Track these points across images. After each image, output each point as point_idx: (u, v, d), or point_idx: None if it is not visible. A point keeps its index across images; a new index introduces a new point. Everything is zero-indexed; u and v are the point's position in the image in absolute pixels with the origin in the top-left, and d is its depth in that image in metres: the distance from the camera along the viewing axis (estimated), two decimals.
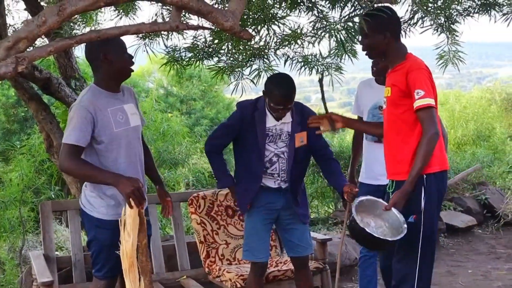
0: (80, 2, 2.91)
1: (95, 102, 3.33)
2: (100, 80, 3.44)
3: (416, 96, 3.28)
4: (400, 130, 3.44)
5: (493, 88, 15.67)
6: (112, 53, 3.37)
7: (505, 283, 5.74)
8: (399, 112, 3.42)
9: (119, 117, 3.40)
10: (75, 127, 3.26)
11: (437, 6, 4.07)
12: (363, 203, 3.54)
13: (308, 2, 3.94)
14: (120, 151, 3.39)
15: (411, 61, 3.44)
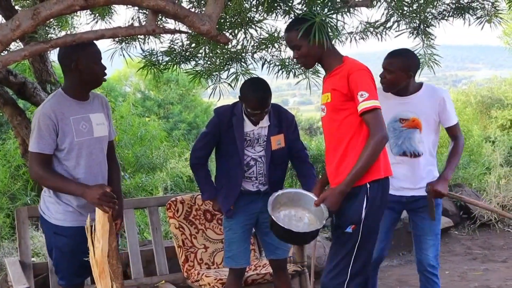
0: (55, 5, 2.88)
1: (57, 109, 3.24)
2: (68, 87, 3.36)
3: (360, 98, 3.12)
4: (343, 137, 3.26)
5: (468, 90, 15.83)
6: (83, 62, 3.27)
7: (481, 283, 5.80)
8: (341, 117, 3.25)
9: (82, 126, 3.31)
10: (38, 135, 3.20)
11: (412, 10, 4.12)
12: (286, 195, 3.48)
13: (284, 6, 3.96)
14: (79, 160, 3.30)
15: (350, 63, 3.27)
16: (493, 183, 8.52)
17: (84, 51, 3.23)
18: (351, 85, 3.16)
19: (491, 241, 7.59)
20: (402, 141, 3.90)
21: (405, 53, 3.86)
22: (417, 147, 3.90)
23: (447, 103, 3.86)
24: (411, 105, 3.87)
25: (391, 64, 3.77)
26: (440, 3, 4.31)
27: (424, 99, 3.87)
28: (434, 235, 3.96)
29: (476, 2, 4.31)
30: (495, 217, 8.07)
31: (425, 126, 3.88)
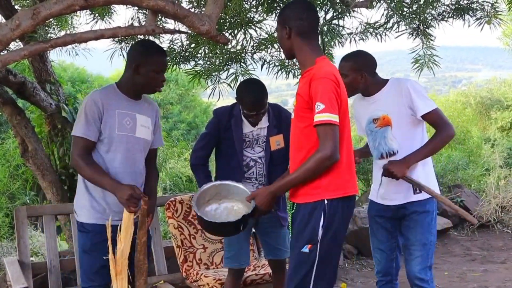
0: (55, 5, 2.88)
1: (105, 99, 3.23)
2: (122, 82, 3.34)
3: (316, 109, 2.81)
4: (302, 146, 2.97)
5: (467, 91, 15.85)
6: (145, 67, 3.24)
7: (480, 284, 5.80)
8: (302, 126, 2.95)
9: (126, 122, 3.28)
10: (84, 121, 3.18)
11: (412, 11, 4.12)
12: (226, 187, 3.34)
13: None
14: (117, 154, 3.26)
15: (318, 68, 2.91)
16: (492, 184, 8.52)
17: (150, 58, 3.23)
18: (311, 94, 2.86)
19: (490, 242, 7.59)
20: (379, 142, 3.66)
21: (354, 55, 3.72)
22: (391, 145, 3.61)
23: (412, 91, 3.54)
24: (379, 102, 3.65)
25: (342, 68, 3.61)
26: (440, 4, 4.32)
27: (390, 94, 3.61)
28: (421, 245, 3.63)
29: (475, 3, 4.32)
30: (494, 218, 8.07)
31: (395, 121, 3.59)
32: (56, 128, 6.01)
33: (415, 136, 3.61)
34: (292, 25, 2.97)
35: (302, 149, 2.96)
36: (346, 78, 3.54)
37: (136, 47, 3.29)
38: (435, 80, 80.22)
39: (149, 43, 3.39)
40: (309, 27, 2.99)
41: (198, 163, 4.09)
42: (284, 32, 2.99)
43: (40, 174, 5.79)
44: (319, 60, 2.96)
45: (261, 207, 3.05)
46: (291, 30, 2.97)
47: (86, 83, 13.74)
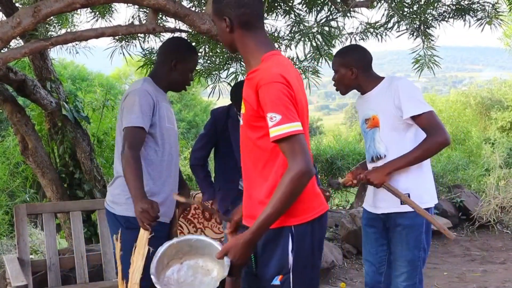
0: (55, 3, 2.89)
1: (153, 91, 3.16)
2: (158, 76, 3.28)
3: (270, 122, 2.32)
4: (258, 160, 2.51)
5: (468, 92, 15.85)
6: (184, 65, 3.24)
7: (479, 285, 5.80)
8: (255, 136, 2.48)
9: (169, 114, 3.27)
10: (140, 110, 3.04)
11: (413, 11, 4.12)
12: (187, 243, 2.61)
13: (285, 6, 3.96)
14: (166, 148, 3.22)
15: (263, 70, 2.41)
16: (492, 184, 8.52)
17: (189, 56, 3.24)
18: (261, 102, 2.38)
19: (490, 243, 7.59)
20: (369, 144, 3.42)
21: (345, 50, 3.50)
22: (378, 148, 3.36)
23: (401, 91, 3.23)
24: (370, 101, 3.40)
25: (333, 64, 3.46)
26: (441, 4, 4.32)
27: (380, 92, 3.35)
28: (407, 261, 3.32)
29: (476, 3, 4.32)
30: (494, 219, 8.07)
31: (383, 123, 3.32)
32: (56, 126, 6.01)
33: (404, 140, 3.29)
34: (232, 14, 2.47)
35: (257, 162, 2.51)
36: (336, 74, 3.45)
37: (176, 44, 3.26)
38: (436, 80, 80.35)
39: (187, 41, 3.38)
40: (252, 15, 2.50)
41: (197, 163, 4.11)
42: (224, 24, 2.49)
43: (40, 172, 5.79)
44: (266, 57, 2.47)
45: (237, 262, 2.42)
46: (232, 21, 2.48)
47: (86, 81, 13.74)
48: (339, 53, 3.47)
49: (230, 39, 2.53)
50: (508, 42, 14.96)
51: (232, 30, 2.49)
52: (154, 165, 3.18)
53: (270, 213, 2.31)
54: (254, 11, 2.48)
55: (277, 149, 2.38)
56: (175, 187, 3.34)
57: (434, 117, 3.24)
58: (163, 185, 3.21)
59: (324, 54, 3.92)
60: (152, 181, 3.16)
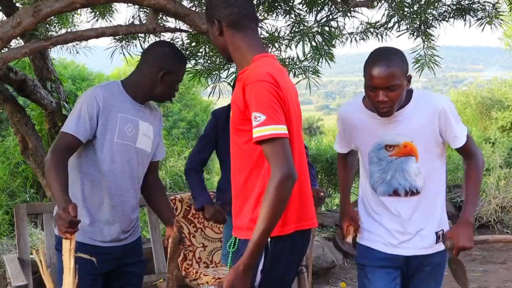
0: (55, 3, 2.89)
1: (109, 97, 2.82)
2: (132, 83, 2.93)
3: (254, 122, 2.20)
4: (244, 166, 2.38)
5: (468, 91, 15.85)
6: (172, 77, 2.92)
7: (480, 284, 5.80)
8: (241, 141, 2.35)
9: (128, 129, 2.87)
10: (75, 116, 2.75)
11: (413, 11, 4.12)
12: None
13: (285, 6, 3.97)
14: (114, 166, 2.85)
15: (252, 69, 2.31)
16: (492, 184, 8.53)
17: (180, 68, 2.95)
18: (247, 102, 2.26)
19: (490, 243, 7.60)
20: (392, 175, 2.81)
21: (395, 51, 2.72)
22: (414, 181, 2.80)
23: (451, 115, 2.73)
24: (400, 124, 2.76)
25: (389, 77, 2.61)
26: (441, 4, 4.32)
27: (416, 113, 2.74)
28: None
29: (477, 3, 4.32)
30: (494, 219, 8.08)
31: (423, 152, 2.78)
32: (56, 126, 6.00)
33: (441, 171, 2.88)
34: (220, 15, 2.40)
35: (242, 170, 2.38)
36: (393, 91, 2.62)
37: (165, 53, 2.90)
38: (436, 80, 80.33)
39: (176, 49, 3.02)
40: (241, 14, 2.40)
41: (191, 167, 4.01)
42: (215, 28, 2.41)
43: (40, 172, 5.79)
44: (258, 58, 2.37)
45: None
46: (221, 23, 2.40)
47: (87, 81, 13.75)
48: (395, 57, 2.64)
49: (222, 43, 2.45)
50: (508, 42, 14.95)
51: (222, 32, 2.41)
52: (92, 182, 2.84)
53: (263, 231, 2.15)
54: (243, 10, 2.40)
55: (262, 156, 2.26)
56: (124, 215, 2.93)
57: (471, 136, 2.84)
58: (99, 208, 2.85)
59: (324, 54, 3.91)
60: (82, 198, 2.83)
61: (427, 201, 2.83)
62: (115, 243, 2.92)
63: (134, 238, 3.03)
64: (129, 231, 2.99)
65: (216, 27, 2.41)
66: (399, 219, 2.83)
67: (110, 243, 2.89)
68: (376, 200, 2.88)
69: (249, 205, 2.35)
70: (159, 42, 3.13)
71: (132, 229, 3.00)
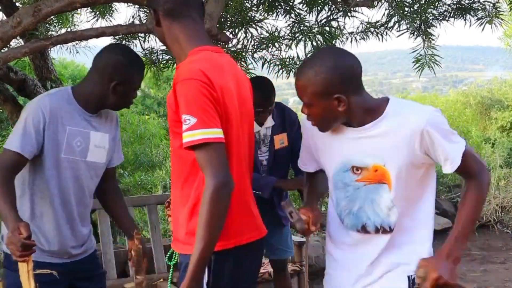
0: (55, 3, 2.89)
1: (56, 109, 2.58)
2: (82, 92, 2.68)
3: (184, 125, 1.98)
4: (180, 173, 2.16)
5: (468, 91, 15.84)
6: (125, 87, 2.63)
7: (480, 284, 5.80)
8: (176, 145, 2.12)
9: (76, 143, 2.63)
10: (20, 131, 2.55)
11: (413, 10, 4.12)
12: None
13: (285, 5, 3.96)
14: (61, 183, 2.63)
15: (184, 64, 2.09)
16: (492, 184, 8.53)
17: (134, 76, 2.64)
18: (178, 102, 2.03)
19: (490, 243, 7.60)
20: (360, 205, 2.22)
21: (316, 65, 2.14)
22: (387, 216, 2.18)
23: (438, 133, 2.08)
24: (370, 142, 2.15)
25: (301, 91, 2.18)
26: (441, 3, 4.32)
27: (391, 131, 2.12)
28: None
29: (477, 3, 4.32)
30: (494, 219, 8.08)
31: (398, 179, 2.14)
32: None
33: (425, 200, 2.24)
34: (156, 3, 2.20)
35: (179, 176, 2.17)
36: (311, 108, 2.17)
37: (118, 61, 2.59)
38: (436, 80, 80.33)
39: (132, 55, 2.69)
40: (179, 1, 2.18)
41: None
42: (154, 16, 2.22)
43: None
44: (195, 52, 2.13)
45: None
46: (157, 12, 2.20)
47: None
48: (318, 68, 2.10)
49: (161, 36, 2.24)
50: (508, 42, 14.95)
51: (159, 23, 2.20)
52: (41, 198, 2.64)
53: (202, 249, 1.95)
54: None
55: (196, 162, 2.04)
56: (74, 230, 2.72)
57: (471, 150, 2.18)
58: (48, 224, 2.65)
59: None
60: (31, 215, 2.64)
61: (402, 240, 2.22)
62: (66, 259, 2.72)
63: (87, 254, 2.83)
64: (81, 247, 2.79)
65: (153, 17, 2.22)
66: (366, 258, 2.24)
67: (60, 259, 2.70)
68: (343, 233, 2.31)
69: (184, 216, 2.13)
70: (111, 47, 2.77)
71: (84, 244, 2.80)
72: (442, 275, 2.04)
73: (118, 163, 2.94)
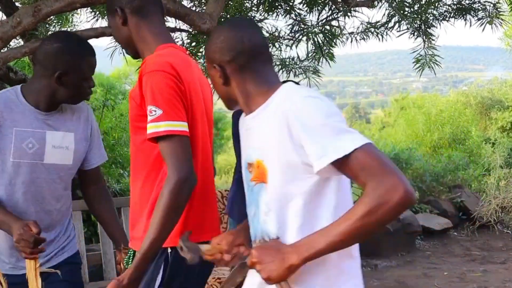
0: (55, 3, 2.89)
1: (2, 110, 2.38)
2: (31, 89, 2.46)
3: (149, 116, 1.92)
4: (141, 169, 2.09)
5: (468, 92, 15.84)
6: (72, 77, 2.39)
7: (480, 285, 5.79)
8: (139, 140, 2.06)
9: (28, 145, 2.39)
10: None
11: (413, 10, 4.12)
12: None
13: (285, 5, 3.97)
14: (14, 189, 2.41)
15: (151, 58, 2.03)
16: (492, 184, 8.52)
17: (80, 63, 2.40)
18: (143, 94, 1.97)
19: (490, 243, 7.59)
20: (255, 211, 1.82)
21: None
22: (264, 223, 1.77)
23: (299, 123, 1.62)
24: (253, 134, 1.81)
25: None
26: (441, 4, 4.32)
27: (267, 120, 1.74)
28: None
29: (477, 3, 4.32)
30: (494, 219, 8.07)
31: (275, 179, 1.71)
32: None
33: (317, 212, 1.68)
34: (123, 2, 2.13)
35: (139, 173, 2.10)
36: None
37: (57, 49, 2.37)
38: (436, 80, 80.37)
39: (73, 40, 2.44)
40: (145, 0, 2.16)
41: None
42: (117, 18, 2.14)
43: None
44: (161, 48, 2.10)
45: None
46: (124, 10, 2.13)
47: None
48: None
49: (126, 34, 2.16)
50: (508, 42, 14.95)
51: (126, 21, 2.13)
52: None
53: (152, 240, 1.88)
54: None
55: (160, 156, 1.96)
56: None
57: (374, 153, 1.55)
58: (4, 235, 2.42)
59: (325, 53, 3.91)
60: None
61: None
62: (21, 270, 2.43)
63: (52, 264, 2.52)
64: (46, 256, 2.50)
65: (119, 16, 2.13)
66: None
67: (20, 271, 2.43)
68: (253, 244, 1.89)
69: (144, 214, 2.05)
70: (51, 36, 2.57)
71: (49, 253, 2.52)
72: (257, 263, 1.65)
73: (99, 163, 2.65)
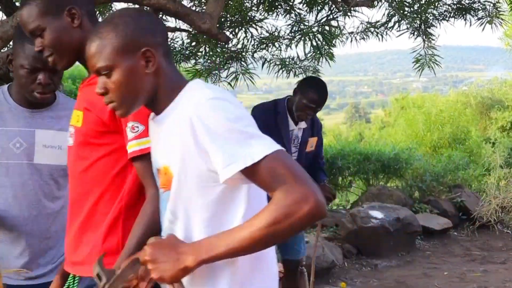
0: None
1: None
2: (14, 87, 2.38)
3: (131, 133, 1.77)
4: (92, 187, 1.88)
5: (468, 91, 15.85)
6: (15, 62, 2.26)
7: (480, 285, 5.79)
8: (94, 157, 1.86)
9: (15, 145, 2.27)
10: None
11: (413, 10, 4.12)
12: None
13: (285, 5, 3.96)
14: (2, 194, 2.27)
15: None
16: (492, 184, 8.52)
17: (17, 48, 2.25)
18: None
19: (490, 243, 7.59)
20: (164, 219, 1.74)
21: None
22: (171, 231, 1.65)
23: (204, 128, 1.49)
24: (162, 136, 1.67)
25: None
26: (441, 3, 4.32)
27: (175, 120, 1.61)
28: None
29: (477, 3, 4.32)
30: (494, 219, 8.07)
31: (177, 183, 1.60)
32: None
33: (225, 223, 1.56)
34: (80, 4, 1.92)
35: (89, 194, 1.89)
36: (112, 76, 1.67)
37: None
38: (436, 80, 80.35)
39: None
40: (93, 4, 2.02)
41: None
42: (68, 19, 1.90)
43: None
44: None
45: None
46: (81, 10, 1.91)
47: None
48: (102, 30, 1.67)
49: (77, 38, 1.90)
50: (508, 42, 14.95)
51: (82, 24, 1.91)
52: None
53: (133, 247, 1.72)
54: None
55: (119, 176, 1.84)
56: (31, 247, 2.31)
57: (285, 161, 1.52)
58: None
59: (324, 53, 3.92)
60: None
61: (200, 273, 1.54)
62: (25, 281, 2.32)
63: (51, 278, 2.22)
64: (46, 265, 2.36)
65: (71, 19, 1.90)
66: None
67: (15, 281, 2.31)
68: None
69: (97, 234, 1.86)
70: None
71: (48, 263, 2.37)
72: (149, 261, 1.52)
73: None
